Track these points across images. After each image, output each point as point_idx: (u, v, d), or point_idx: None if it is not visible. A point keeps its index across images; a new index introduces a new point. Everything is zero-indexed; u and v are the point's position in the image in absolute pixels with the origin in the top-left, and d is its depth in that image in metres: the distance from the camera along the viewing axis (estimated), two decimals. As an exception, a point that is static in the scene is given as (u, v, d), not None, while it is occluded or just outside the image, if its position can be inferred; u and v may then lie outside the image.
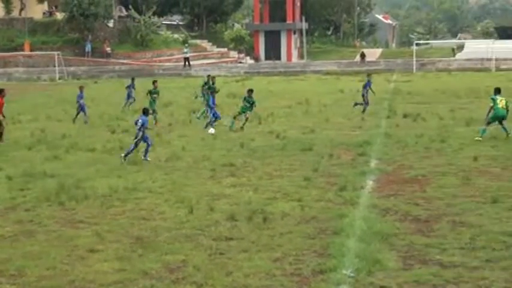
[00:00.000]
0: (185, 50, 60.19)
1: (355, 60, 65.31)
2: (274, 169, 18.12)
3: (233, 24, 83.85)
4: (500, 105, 21.36)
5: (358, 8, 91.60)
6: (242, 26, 79.75)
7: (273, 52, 71.09)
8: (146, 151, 19.76)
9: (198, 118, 27.93)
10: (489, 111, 21.56)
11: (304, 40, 71.78)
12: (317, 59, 66.88)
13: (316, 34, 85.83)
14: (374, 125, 25.85)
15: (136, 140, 19.66)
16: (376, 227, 12.12)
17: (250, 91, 25.76)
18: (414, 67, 56.34)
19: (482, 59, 57.56)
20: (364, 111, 29.44)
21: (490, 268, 10.08)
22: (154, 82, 29.66)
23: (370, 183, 16.12)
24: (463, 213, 13.14)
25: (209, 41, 73.80)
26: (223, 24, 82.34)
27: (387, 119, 27.39)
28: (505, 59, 56.38)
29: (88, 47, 62.23)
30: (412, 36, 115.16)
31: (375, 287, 9.62)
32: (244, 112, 25.36)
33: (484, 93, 33.87)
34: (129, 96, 33.29)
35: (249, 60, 68.46)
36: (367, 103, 29.82)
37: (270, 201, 14.61)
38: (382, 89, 40.59)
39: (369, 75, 32.00)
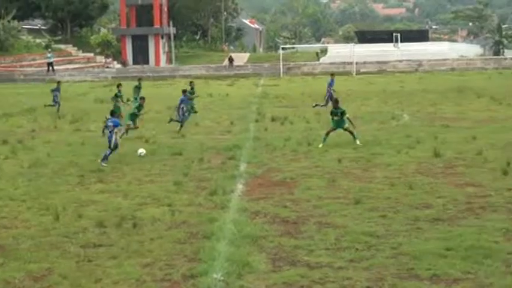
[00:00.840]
0: (48, 55, 58.58)
1: (224, 64, 65.88)
2: (144, 174, 17.94)
3: (99, 29, 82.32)
4: None
5: (225, 13, 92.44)
6: (108, 30, 78.50)
7: (141, 57, 70.45)
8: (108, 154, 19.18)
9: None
10: (348, 120, 22.09)
11: (173, 44, 71.60)
12: (186, 64, 66.87)
13: (184, 39, 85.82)
14: (243, 129, 26.15)
15: (110, 143, 19.16)
16: (245, 230, 12.23)
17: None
18: (281, 71, 57.57)
19: (344, 63, 59.75)
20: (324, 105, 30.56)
21: (354, 268, 10.39)
22: (118, 85, 29.57)
23: (240, 186, 16.26)
24: (328, 214, 13.49)
25: (74, 46, 72.20)
26: (89, 28, 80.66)
27: (256, 123, 27.80)
28: (365, 63, 58.81)
29: None
30: (279, 40, 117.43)
31: (245, 289, 9.71)
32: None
33: (346, 95, 35.18)
34: (54, 100, 32.32)
35: (117, 65, 67.51)
36: (326, 103, 30.40)
37: (139, 206, 14.44)
38: (250, 93, 41.21)
39: (332, 74, 32.54)
